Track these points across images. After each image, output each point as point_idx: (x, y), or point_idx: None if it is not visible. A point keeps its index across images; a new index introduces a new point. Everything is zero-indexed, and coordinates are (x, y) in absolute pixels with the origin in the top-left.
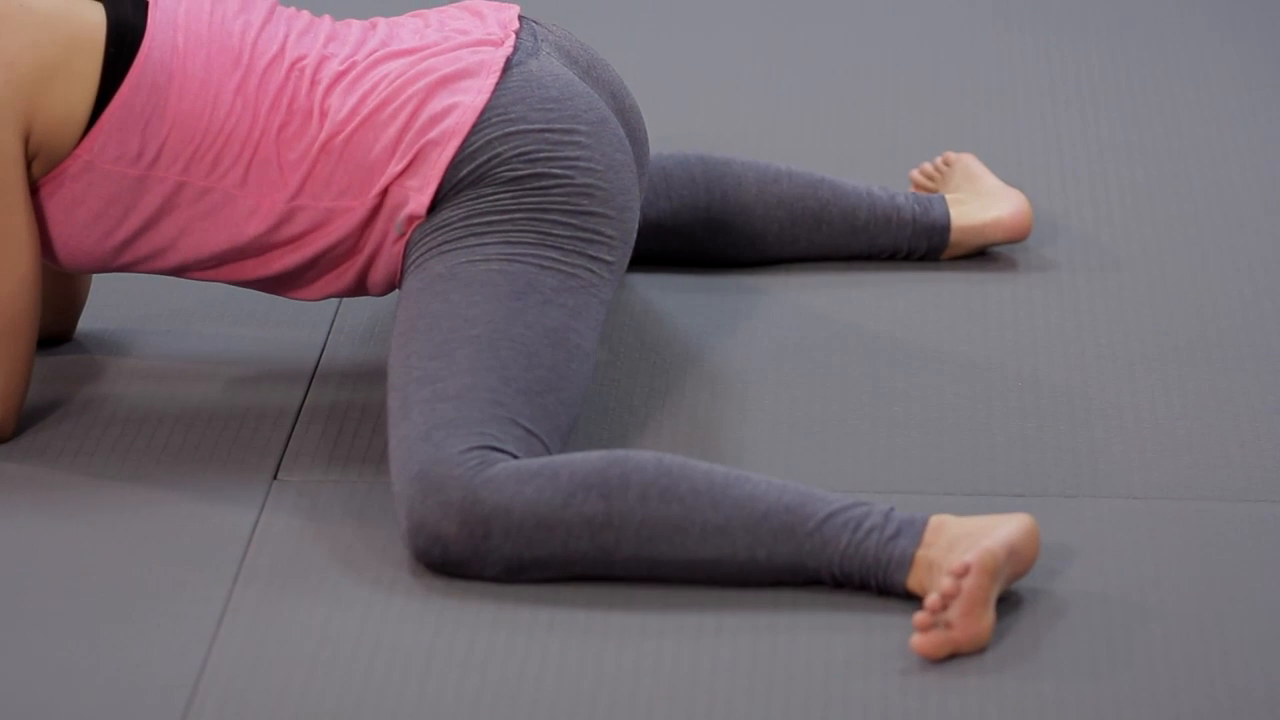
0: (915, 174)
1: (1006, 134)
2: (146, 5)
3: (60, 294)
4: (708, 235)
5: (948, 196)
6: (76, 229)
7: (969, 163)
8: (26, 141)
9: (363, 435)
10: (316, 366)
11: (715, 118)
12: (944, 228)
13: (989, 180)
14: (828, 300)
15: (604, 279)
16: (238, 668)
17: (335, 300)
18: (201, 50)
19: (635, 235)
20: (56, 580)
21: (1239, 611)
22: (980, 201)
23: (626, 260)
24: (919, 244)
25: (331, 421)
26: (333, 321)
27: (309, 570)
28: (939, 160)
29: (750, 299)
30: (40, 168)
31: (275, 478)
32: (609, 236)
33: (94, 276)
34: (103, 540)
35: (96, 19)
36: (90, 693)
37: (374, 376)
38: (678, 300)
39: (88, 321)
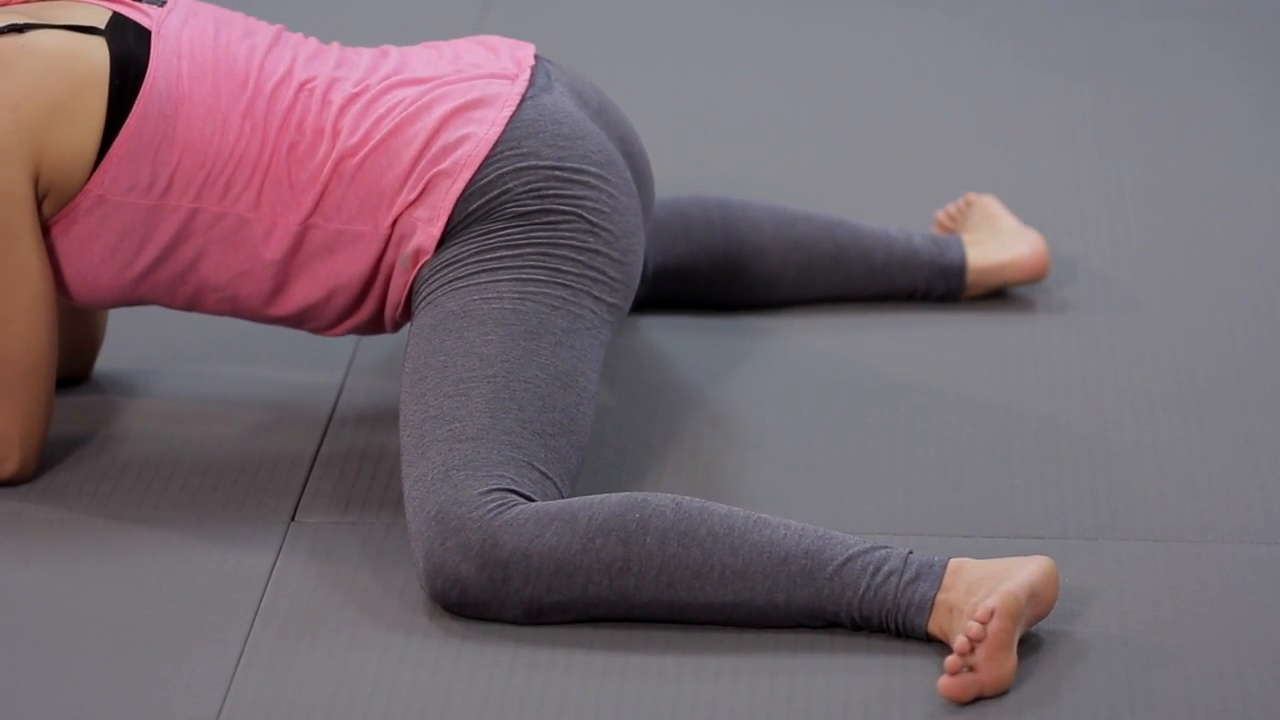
0: (940, 215)
1: (1026, 175)
2: (149, 35)
3: (77, 333)
4: (725, 278)
5: (965, 237)
6: (94, 264)
7: (989, 204)
8: (36, 182)
9: (380, 477)
10: (334, 409)
11: (733, 159)
12: (960, 269)
13: (1007, 221)
14: (845, 342)
15: (606, 322)
16: (255, 710)
17: (353, 342)
18: (207, 76)
19: (638, 281)
20: (74, 622)
21: (1260, 655)
22: (997, 242)
23: (628, 306)
24: (936, 285)
25: (349, 464)
26: (350, 363)
27: (326, 612)
28: (960, 201)
29: (767, 341)
30: (51, 206)
31: (293, 520)
32: (612, 278)
33: (110, 315)
34: (120, 582)
35: (99, 54)
36: None
37: (391, 419)
38: (694, 342)
39: (105, 361)
